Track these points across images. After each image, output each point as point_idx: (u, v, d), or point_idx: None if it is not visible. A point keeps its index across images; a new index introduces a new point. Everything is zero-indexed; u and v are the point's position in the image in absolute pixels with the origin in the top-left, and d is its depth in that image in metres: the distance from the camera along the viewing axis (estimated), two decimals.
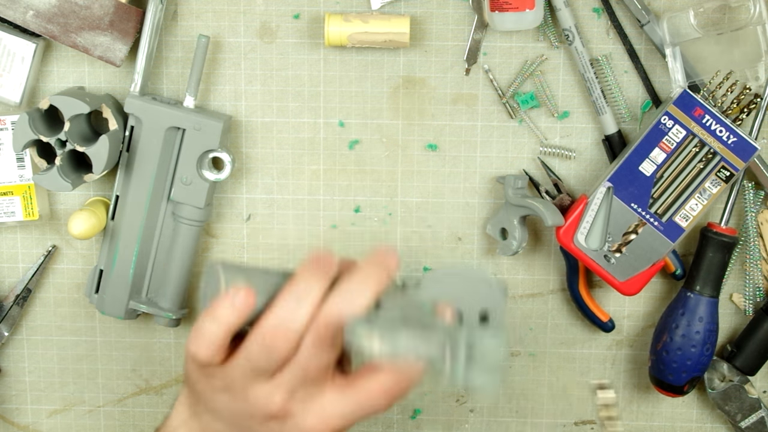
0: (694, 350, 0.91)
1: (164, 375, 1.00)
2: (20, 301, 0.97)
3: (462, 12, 0.92)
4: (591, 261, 0.90)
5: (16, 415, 1.01)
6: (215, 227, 0.97)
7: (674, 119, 0.87)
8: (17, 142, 0.88)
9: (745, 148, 0.87)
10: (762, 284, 0.95)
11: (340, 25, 0.89)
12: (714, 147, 0.88)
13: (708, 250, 0.91)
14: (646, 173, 0.88)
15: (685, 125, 0.87)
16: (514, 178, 0.92)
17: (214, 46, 0.93)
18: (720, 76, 0.89)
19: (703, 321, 0.91)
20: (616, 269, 0.90)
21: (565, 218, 0.90)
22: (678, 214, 0.89)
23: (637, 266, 0.90)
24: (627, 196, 0.89)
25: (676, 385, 0.92)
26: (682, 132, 0.88)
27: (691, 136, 0.88)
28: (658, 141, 0.88)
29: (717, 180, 0.88)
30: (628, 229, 0.89)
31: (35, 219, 0.94)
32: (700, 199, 0.88)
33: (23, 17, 0.88)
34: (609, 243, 0.89)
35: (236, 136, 0.94)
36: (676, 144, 0.88)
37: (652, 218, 0.89)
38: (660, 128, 0.88)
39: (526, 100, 0.93)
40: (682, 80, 0.88)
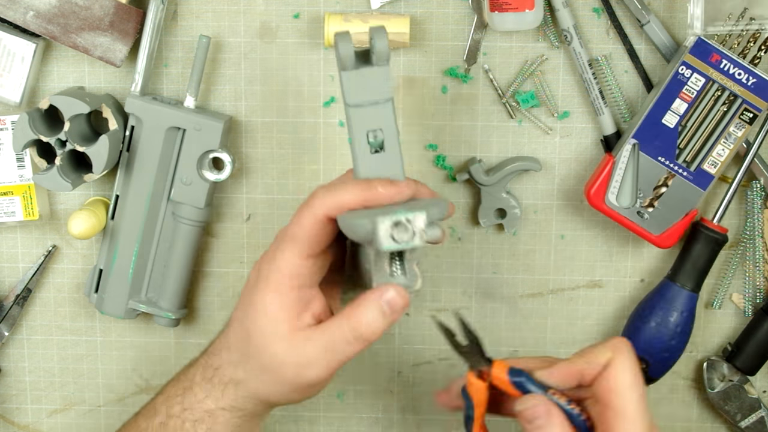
0: (672, 343, 0.91)
1: (164, 375, 1.00)
2: (20, 301, 0.97)
3: (462, 12, 0.92)
4: (625, 219, 0.90)
5: (16, 414, 1.01)
6: (215, 227, 0.97)
7: (692, 68, 0.87)
8: (17, 142, 0.88)
9: (765, 88, 0.87)
10: (762, 284, 0.95)
11: (340, 25, 0.89)
12: (734, 90, 0.88)
13: (697, 244, 0.92)
14: (670, 125, 0.88)
15: (704, 72, 0.87)
16: (475, 163, 0.92)
17: (214, 46, 0.93)
18: (734, 17, 0.88)
19: (681, 314, 0.91)
20: (650, 224, 0.90)
21: (594, 180, 0.90)
22: (706, 162, 0.89)
23: (671, 218, 0.90)
24: (653, 150, 0.89)
25: (649, 375, 0.93)
26: (701, 80, 0.88)
27: (711, 83, 0.88)
28: (678, 92, 0.88)
29: (741, 123, 0.88)
30: (658, 182, 0.89)
31: (35, 219, 0.94)
32: (726, 144, 0.88)
33: (23, 18, 0.88)
34: (641, 199, 0.90)
35: (236, 136, 0.94)
36: (696, 92, 0.88)
37: (680, 169, 0.89)
38: (678, 79, 0.88)
39: (527, 99, 0.93)
40: (701, 27, 0.88)
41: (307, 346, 0.76)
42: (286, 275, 0.77)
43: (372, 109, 0.76)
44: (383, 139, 0.77)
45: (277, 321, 0.77)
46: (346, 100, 0.76)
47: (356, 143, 0.77)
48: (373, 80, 0.76)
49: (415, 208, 0.72)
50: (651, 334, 0.92)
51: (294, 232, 0.77)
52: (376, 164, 0.77)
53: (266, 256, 0.79)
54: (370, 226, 0.71)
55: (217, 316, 0.98)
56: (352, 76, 0.75)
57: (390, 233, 0.71)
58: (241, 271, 0.97)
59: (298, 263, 0.77)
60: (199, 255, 0.97)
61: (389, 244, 0.71)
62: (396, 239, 0.71)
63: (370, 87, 0.76)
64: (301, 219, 0.77)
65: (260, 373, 0.78)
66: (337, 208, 0.76)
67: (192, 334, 0.99)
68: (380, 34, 0.75)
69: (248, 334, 0.78)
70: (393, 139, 0.77)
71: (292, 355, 0.76)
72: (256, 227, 0.96)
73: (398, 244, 0.71)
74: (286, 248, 0.77)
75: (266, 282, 0.77)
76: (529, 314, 0.98)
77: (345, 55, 0.75)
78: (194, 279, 0.97)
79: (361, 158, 0.77)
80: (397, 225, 0.71)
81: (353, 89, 0.76)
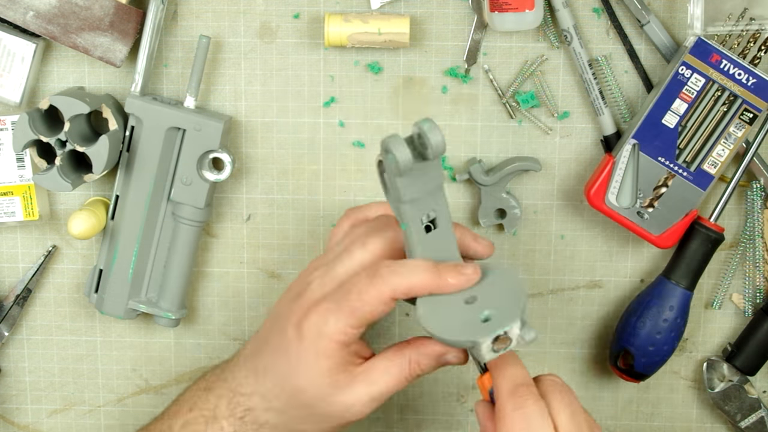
0: (658, 337, 0.91)
1: (164, 375, 1.00)
2: (20, 301, 0.97)
3: (462, 12, 0.92)
4: (625, 219, 0.90)
5: (16, 414, 1.01)
6: (215, 227, 0.97)
7: (692, 68, 0.87)
8: (17, 142, 0.88)
9: (765, 88, 0.87)
10: (762, 285, 0.95)
11: (340, 25, 0.89)
12: (734, 91, 0.88)
13: (693, 242, 0.91)
14: (670, 125, 0.89)
15: (704, 73, 0.87)
16: (475, 163, 0.92)
17: (214, 46, 0.93)
18: (734, 17, 0.88)
19: (672, 310, 0.91)
20: (650, 224, 0.90)
21: (594, 180, 0.90)
22: (706, 162, 0.89)
23: (671, 218, 0.90)
24: (653, 151, 0.89)
25: (635, 370, 0.93)
26: (701, 80, 0.88)
27: (711, 83, 0.88)
28: (678, 92, 0.88)
29: (741, 123, 0.88)
30: (658, 183, 0.89)
31: (35, 219, 0.94)
32: (726, 144, 0.88)
33: (23, 18, 0.88)
34: (640, 199, 0.90)
35: (236, 136, 0.94)
36: (696, 93, 0.88)
37: (680, 169, 0.89)
38: (678, 79, 0.88)
39: (527, 100, 0.93)
40: (701, 27, 0.88)
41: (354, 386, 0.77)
42: (336, 342, 0.76)
43: (425, 199, 0.75)
44: (435, 217, 0.76)
45: (327, 378, 0.77)
46: (401, 198, 0.73)
47: (412, 230, 0.75)
48: (427, 173, 0.74)
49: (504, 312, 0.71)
50: (640, 328, 0.91)
51: (355, 307, 0.75)
52: (430, 243, 0.76)
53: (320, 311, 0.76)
54: (471, 345, 0.71)
55: (217, 316, 0.98)
56: (406, 179, 0.73)
57: (491, 347, 0.71)
58: (241, 271, 0.97)
59: (352, 333, 0.76)
60: (199, 255, 0.97)
61: (491, 356, 0.71)
62: (496, 350, 0.71)
63: (423, 180, 0.74)
64: (364, 295, 0.75)
65: (306, 418, 0.78)
66: (405, 292, 0.75)
67: (192, 334, 0.99)
68: (432, 129, 0.71)
69: (294, 389, 0.78)
70: (445, 218, 0.76)
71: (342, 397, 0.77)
72: (256, 227, 0.96)
73: (499, 353, 0.71)
74: (341, 318, 0.75)
75: (314, 346, 0.76)
76: (529, 314, 0.98)
77: (403, 161, 0.71)
78: (194, 279, 0.97)
79: (417, 240, 0.75)
80: (496, 340, 0.71)
81: (408, 188, 0.73)
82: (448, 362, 0.78)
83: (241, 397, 0.80)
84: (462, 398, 1.00)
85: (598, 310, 0.98)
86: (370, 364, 0.77)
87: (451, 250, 0.77)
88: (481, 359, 0.72)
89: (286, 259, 0.97)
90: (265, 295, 0.98)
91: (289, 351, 0.77)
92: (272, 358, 0.79)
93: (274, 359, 0.79)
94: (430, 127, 0.71)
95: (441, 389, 1.00)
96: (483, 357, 0.71)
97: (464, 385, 0.99)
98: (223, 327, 0.99)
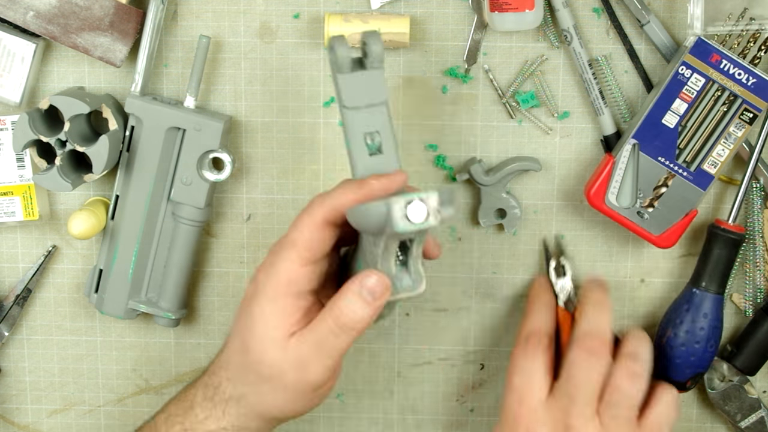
0: (697, 346, 0.91)
1: (164, 375, 1.00)
2: (20, 301, 0.97)
3: (462, 12, 0.92)
4: (624, 219, 0.90)
5: (16, 414, 1.01)
6: (215, 227, 0.97)
7: (692, 68, 0.87)
8: (17, 142, 0.88)
9: (765, 88, 0.87)
10: (762, 285, 0.95)
11: (340, 25, 0.89)
12: (734, 90, 0.88)
13: (715, 246, 0.91)
14: (670, 125, 0.88)
15: (704, 73, 0.87)
16: (475, 163, 0.92)
17: (214, 46, 0.93)
18: (734, 17, 0.88)
19: (707, 317, 0.91)
20: (650, 224, 0.90)
21: (594, 180, 0.90)
22: (706, 162, 0.89)
23: (671, 218, 0.90)
24: (653, 150, 0.89)
25: (678, 381, 0.92)
26: (701, 80, 0.88)
27: (711, 83, 0.88)
28: (678, 92, 0.88)
29: (741, 123, 0.88)
30: (658, 182, 0.89)
31: (35, 219, 0.94)
32: (726, 144, 0.88)
33: (23, 18, 0.88)
34: (640, 199, 0.90)
35: (236, 136, 0.94)
36: (696, 93, 0.88)
37: (680, 169, 0.89)
38: (678, 79, 0.88)
39: (527, 99, 0.93)
40: (701, 27, 0.88)
41: (300, 347, 0.76)
42: (284, 282, 0.77)
43: (368, 111, 0.77)
44: (380, 142, 0.77)
45: (273, 328, 0.77)
46: (343, 102, 0.76)
47: (353, 146, 0.77)
48: (369, 83, 0.76)
49: (427, 190, 0.71)
50: (678, 341, 0.91)
51: (293, 238, 0.77)
52: (373, 167, 0.77)
53: (264, 265, 0.79)
54: (384, 208, 0.70)
55: (217, 316, 0.98)
56: (348, 79, 0.76)
57: (404, 213, 0.69)
58: (241, 271, 0.97)
59: (297, 269, 0.77)
60: (199, 255, 0.97)
61: (405, 225, 0.69)
62: (411, 220, 0.70)
63: (366, 90, 0.76)
64: (299, 225, 0.77)
65: (260, 383, 0.78)
66: (335, 210, 0.76)
67: (192, 334, 0.99)
68: (374, 37, 0.75)
69: (245, 345, 0.78)
70: (390, 141, 0.77)
71: (288, 359, 0.76)
72: (256, 227, 0.96)
73: (414, 224, 0.70)
74: (284, 255, 0.77)
75: (263, 290, 0.77)
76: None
77: (341, 57, 0.75)
78: (194, 279, 0.97)
79: (359, 161, 0.77)
80: (410, 204, 0.70)
81: (349, 92, 0.76)
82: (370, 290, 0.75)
83: (211, 377, 0.81)
84: (462, 398, 1.00)
85: None
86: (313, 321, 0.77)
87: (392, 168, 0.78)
88: (394, 227, 0.69)
89: None
90: None
91: (250, 306, 0.78)
92: (237, 322, 0.80)
93: (238, 321, 0.80)
94: (372, 36, 0.75)
95: (441, 389, 1.00)
96: (396, 225, 0.69)
97: (464, 385, 0.99)
98: (223, 327, 0.99)
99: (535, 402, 0.83)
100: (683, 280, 0.96)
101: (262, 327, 0.77)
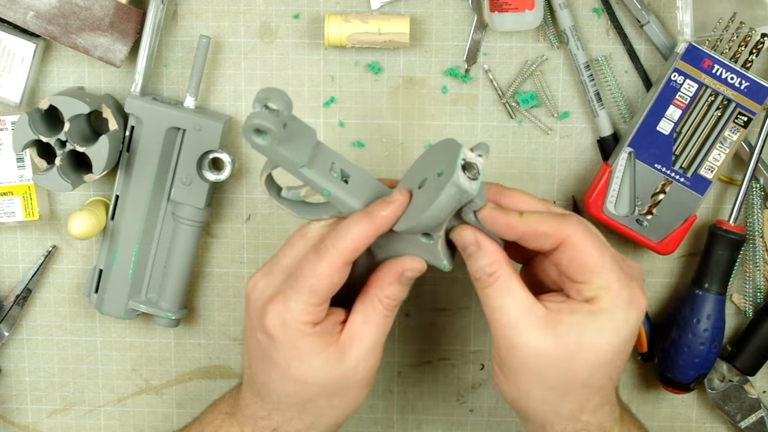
0: (702, 348, 0.91)
1: (164, 375, 1.00)
2: (20, 301, 0.97)
3: (462, 12, 0.92)
4: (624, 227, 0.90)
5: (16, 414, 1.01)
6: (215, 227, 0.97)
7: (684, 74, 0.87)
8: (17, 142, 0.88)
9: (758, 91, 0.87)
10: (762, 284, 0.95)
11: (340, 25, 0.89)
12: (727, 95, 0.88)
13: (717, 247, 0.91)
14: (665, 132, 0.89)
15: (696, 78, 0.87)
16: None
17: (214, 46, 0.93)
18: (723, 22, 0.88)
19: (710, 318, 0.91)
20: (650, 231, 0.90)
21: (591, 189, 0.90)
22: (702, 167, 0.89)
23: (670, 225, 0.90)
24: (649, 158, 0.89)
25: (682, 382, 0.93)
26: (694, 86, 0.88)
27: (704, 88, 0.88)
28: (672, 99, 0.88)
29: (736, 127, 0.88)
30: (655, 190, 0.89)
31: (35, 219, 0.94)
32: (721, 149, 0.88)
33: (23, 18, 0.88)
34: (639, 207, 0.90)
35: (236, 136, 0.94)
36: (689, 98, 0.88)
37: (677, 175, 0.89)
38: (671, 86, 0.88)
39: (527, 100, 0.93)
40: (690, 34, 0.88)
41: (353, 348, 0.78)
42: (305, 323, 0.76)
43: (315, 156, 0.77)
44: (341, 168, 0.78)
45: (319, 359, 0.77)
46: (297, 164, 0.76)
47: (331, 187, 0.77)
48: (298, 132, 0.76)
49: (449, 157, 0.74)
50: (682, 342, 0.92)
51: (312, 284, 0.75)
52: (358, 190, 0.78)
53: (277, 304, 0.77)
54: (454, 189, 0.73)
55: (217, 316, 0.98)
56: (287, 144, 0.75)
57: (467, 176, 0.73)
58: (241, 271, 0.97)
59: (316, 311, 0.76)
60: (199, 255, 0.97)
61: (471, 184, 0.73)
62: (472, 177, 0.73)
63: (301, 139, 0.76)
64: (318, 270, 0.75)
65: (330, 402, 0.79)
66: (354, 251, 0.75)
67: (192, 334, 0.99)
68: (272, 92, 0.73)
69: (298, 388, 0.78)
70: (347, 163, 0.78)
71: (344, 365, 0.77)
72: (256, 227, 0.96)
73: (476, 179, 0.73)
74: (300, 300, 0.76)
75: (288, 339, 0.76)
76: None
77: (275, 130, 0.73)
78: (194, 279, 0.97)
79: (344, 193, 0.77)
80: (464, 167, 0.73)
81: (293, 152, 0.75)
82: (409, 276, 0.78)
83: (261, 420, 0.80)
84: (462, 398, 1.00)
85: None
86: (349, 324, 0.78)
87: (377, 187, 0.79)
88: (467, 197, 0.73)
89: None
90: None
91: (271, 356, 0.77)
92: (262, 372, 0.79)
93: (264, 373, 0.79)
94: (270, 92, 0.73)
95: (441, 389, 1.00)
96: (468, 191, 0.73)
97: (464, 385, 0.99)
98: (223, 327, 0.99)
99: None
100: (683, 280, 0.96)
101: (308, 361, 0.76)
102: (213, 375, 1.00)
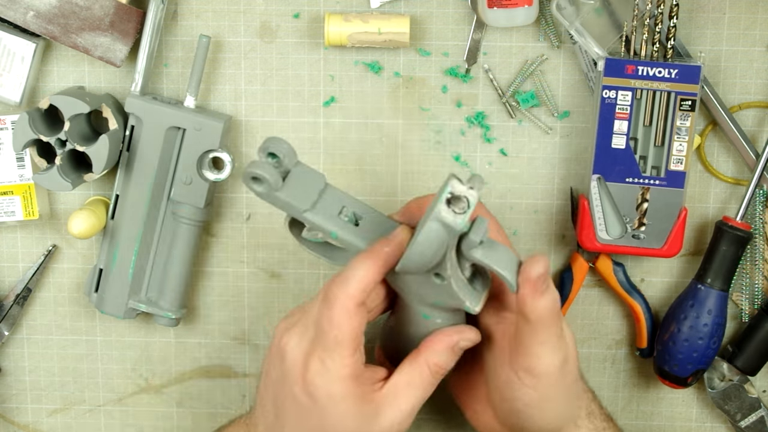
0: (701, 342, 0.91)
1: (164, 374, 1.00)
2: (20, 300, 0.97)
3: (462, 12, 0.92)
4: (623, 248, 0.91)
5: (16, 414, 1.01)
6: (215, 227, 0.97)
7: (614, 87, 0.88)
8: (17, 142, 0.88)
9: (689, 72, 0.87)
10: (762, 284, 0.95)
11: (340, 25, 0.89)
12: (662, 88, 0.88)
13: (722, 243, 0.91)
14: (621, 147, 0.89)
15: (626, 86, 0.88)
16: None
17: (214, 46, 0.93)
18: (629, 22, 0.88)
19: (711, 314, 0.91)
20: (649, 241, 0.90)
21: (580, 226, 0.91)
22: (671, 162, 0.89)
23: (665, 227, 0.90)
24: (618, 176, 0.89)
25: (680, 376, 0.93)
26: (627, 94, 0.88)
27: (639, 92, 0.88)
28: (613, 114, 0.88)
29: (684, 114, 0.88)
30: (637, 201, 0.90)
31: (35, 219, 0.94)
32: (681, 138, 0.88)
33: (23, 18, 0.88)
34: (629, 224, 0.90)
35: (236, 136, 0.94)
36: (629, 107, 0.88)
37: (651, 180, 0.89)
38: (607, 103, 0.88)
39: (527, 99, 0.93)
40: (601, 51, 0.88)
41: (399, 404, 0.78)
42: (345, 377, 0.75)
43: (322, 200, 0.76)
44: (353, 210, 0.77)
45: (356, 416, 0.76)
46: (300, 210, 0.76)
47: (340, 232, 0.77)
48: (303, 179, 0.76)
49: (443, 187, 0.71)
50: (682, 336, 0.92)
51: (335, 336, 0.74)
52: (369, 232, 0.77)
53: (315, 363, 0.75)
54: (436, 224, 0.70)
55: (217, 315, 0.98)
56: (286, 192, 0.75)
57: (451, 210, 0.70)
58: (241, 270, 0.97)
59: (352, 361, 0.75)
60: (199, 255, 0.97)
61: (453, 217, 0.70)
62: (458, 212, 0.70)
63: (305, 186, 0.76)
64: (334, 320, 0.74)
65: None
66: (363, 291, 0.74)
67: (192, 334, 0.99)
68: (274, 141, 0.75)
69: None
70: (360, 205, 0.78)
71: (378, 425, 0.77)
72: (256, 227, 0.96)
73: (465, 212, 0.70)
74: (337, 353, 0.74)
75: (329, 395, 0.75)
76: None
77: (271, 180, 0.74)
78: (194, 279, 0.97)
79: (354, 237, 0.77)
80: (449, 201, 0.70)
81: (296, 200, 0.76)
82: (463, 347, 0.78)
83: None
84: None
85: (597, 310, 0.98)
86: (392, 383, 0.77)
87: (391, 227, 0.77)
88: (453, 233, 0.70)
89: (286, 259, 0.97)
90: (265, 295, 0.98)
91: (311, 412, 0.76)
92: (292, 425, 0.77)
93: (300, 427, 0.77)
94: (272, 141, 0.75)
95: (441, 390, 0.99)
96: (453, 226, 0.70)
97: None
98: (223, 327, 0.99)
99: None
100: (683, 279, 0.96)
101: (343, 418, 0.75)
102: (213, 374, 1.00)
